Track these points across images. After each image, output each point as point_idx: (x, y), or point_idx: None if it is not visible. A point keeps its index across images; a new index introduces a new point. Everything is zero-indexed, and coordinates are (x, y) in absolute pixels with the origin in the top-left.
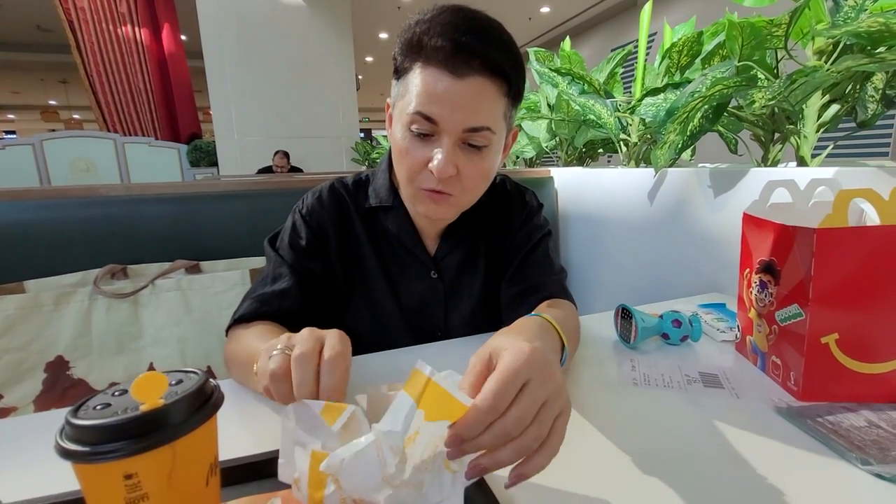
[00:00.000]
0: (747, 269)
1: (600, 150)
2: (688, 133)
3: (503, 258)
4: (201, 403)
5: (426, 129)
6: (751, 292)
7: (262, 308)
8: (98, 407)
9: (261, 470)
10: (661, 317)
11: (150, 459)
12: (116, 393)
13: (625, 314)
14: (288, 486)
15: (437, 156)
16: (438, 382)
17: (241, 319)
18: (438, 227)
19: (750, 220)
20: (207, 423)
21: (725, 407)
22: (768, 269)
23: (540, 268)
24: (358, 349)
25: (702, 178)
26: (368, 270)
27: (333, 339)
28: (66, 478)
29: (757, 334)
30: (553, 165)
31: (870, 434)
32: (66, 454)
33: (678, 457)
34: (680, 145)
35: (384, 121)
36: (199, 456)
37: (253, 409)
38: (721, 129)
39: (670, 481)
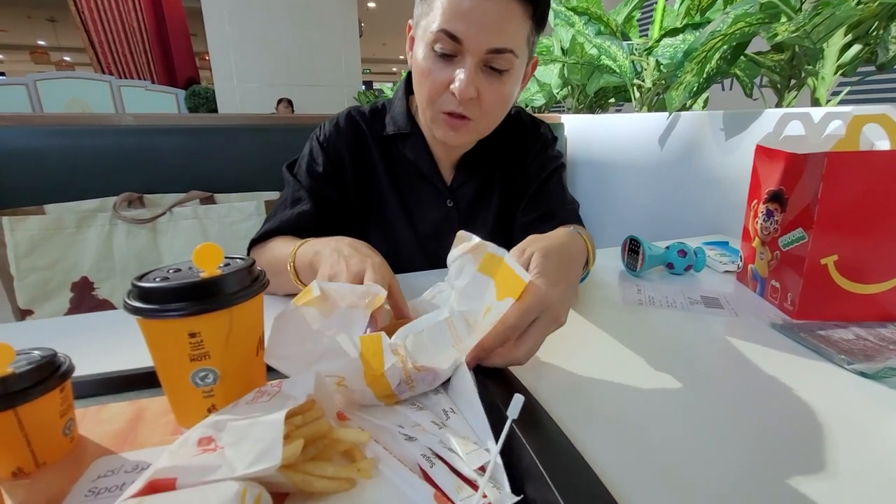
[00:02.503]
0: (755, 201)
1: (611, 100)
2: (704, 74)
3: (517, 188)
4: (251, 280)
5: (449, 49)
6: (756, 222)
7: (282, 227)
8: (157, 279)
9: None
10: (667, 248)
11: (211, 320)
12: (171, 270)
13: (632, 245)
14: None
15: (459, 76)
16: (508, 264)
17: (263, 237)
18: (455, 155)
19: (762, 152)
20: (257, 297)
21: (725, 323)
22: (776, 197)
23: (554, 196)
24: None
25: (714, 121)
26: (384, 198)
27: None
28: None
29: (759, 262)
30: (553, 115)
31: (857, 344)
32: (135, 311)
33: (682, 363)
34: (695, 87)
35: (387, 73)
36: (251, 326)
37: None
38: (738, 72)
39: (675, 385)
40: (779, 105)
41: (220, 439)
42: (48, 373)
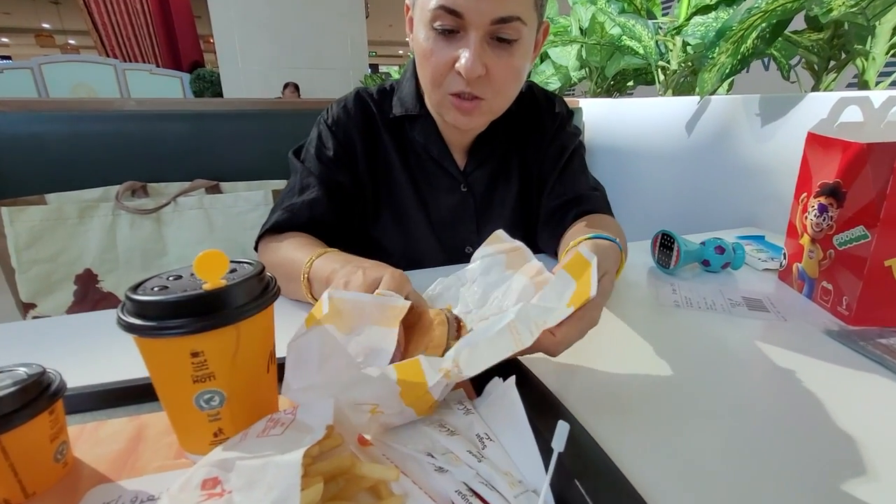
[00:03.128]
0: (804, 194)
1: (629, 84)
2: (739, 55)
3: (537, 171)
4: (261, 290)
5: (450, 25)
6: (806, 217)
7: (293, 218)
8: (155, 288)
9: None
10: (702, 243)
11: (216, 338)
12: (171, 277)
13: (665, 240)
14: None
15: (464, 54)
16: (591, 272)
17: (273, 230)
18: (467, 138)
19: (815, 140)
20: (267, 309)
21: (772, 329)
22: (832, 191)
23: (579, 180)
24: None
25: (749, 105)
26: (397, 183)
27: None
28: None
29: (807, 261)
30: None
31: None
32: (131, 328)
33: (727, 374)
34: (729, 69)
35: (393, 55)
36: (261, 341)
37: (287, 313)
38: (775, 52)
39: (722, 399)
40: (815, 88)
41: (227, 482)
42: (35, 394)
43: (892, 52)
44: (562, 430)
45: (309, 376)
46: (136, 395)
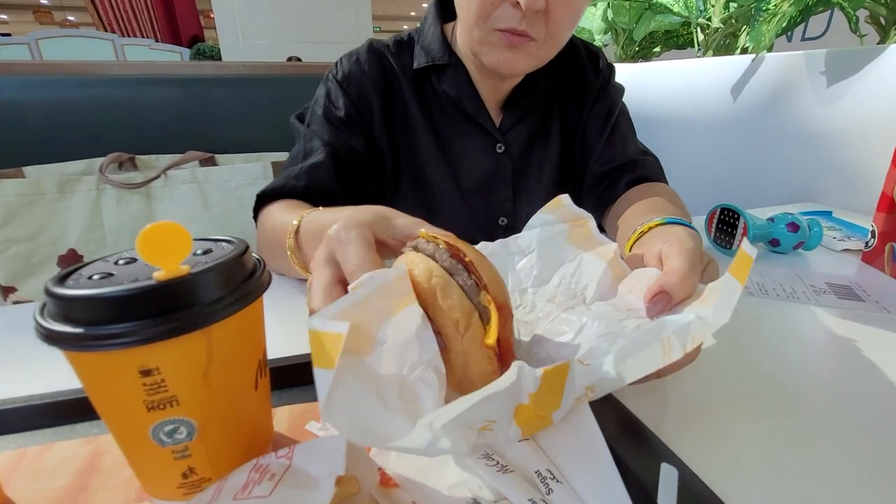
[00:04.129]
0: None
1: (656, 49)
2: (802, 4)
3: (581, 132)
4: (243, 278)
5: None
6: None
7: (290, 183)
8: (95, 276)
9: (305, 374)
10: (770, 220)
11: (177, 349)
12: (121, 261)
13: (725, 216)
14: None
15: None
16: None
17: (266, 196)
18: (503, 91)
19: None
20: (253, 305)
21: (873, 322)
22: None
23: (628, 143)
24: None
25: (813, 63)
26: (420, 145)
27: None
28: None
29: None
30: None
31: None
32: (51, 337)
33: (832, 382)
34: (788, 21)
35: (397, 31)
36: (244, 349)
37: (285, 298)
38: (843, 1)
39: (821, 410)
40: (881, 43)
41: None
42: None
43: None
44: (668, 477)
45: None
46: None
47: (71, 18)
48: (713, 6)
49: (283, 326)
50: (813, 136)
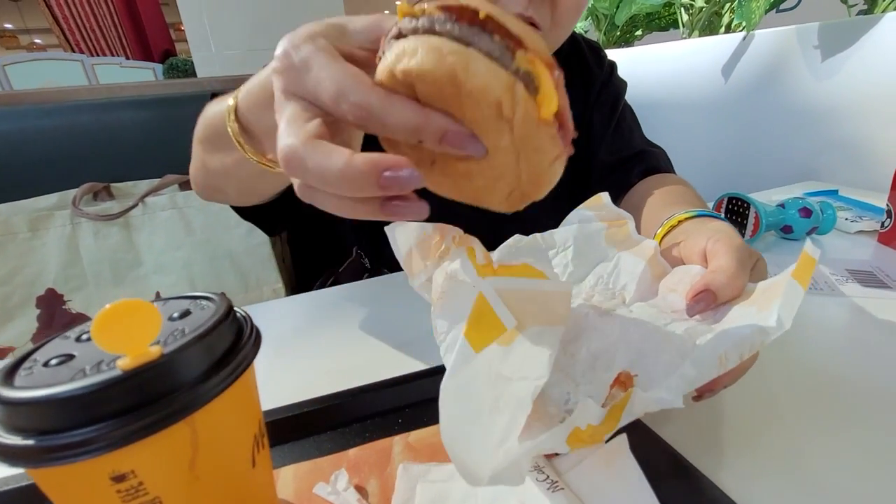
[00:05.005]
0: None
1: (638, 33)
2: None
3: (587, 121)
4: (228, 346)
5: None
6: None
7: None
8: (53, 361)
9: (308, 424)
10: (780, 206)
11: (154, 448)
12: (84, 336)
13: (734, 206)
14: (350, 447)
15: None
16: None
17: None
18: None
19: None
20: (243, 376)
21: None
22: None
23: (635, 134)
24: None
25: (805, 37)
26: None
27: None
28: None
29: None
30: None
31: None
32: (9, 456)
33: (857, 376)
34: None
35: None
36: (236, 428)
37: (276, 336)
38: None
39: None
40: (869, 12)
41: None
42: None
43: None
44: None
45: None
46: None
47: (38, 41)
48: None
49: (277, 371)
50: (810, 112)
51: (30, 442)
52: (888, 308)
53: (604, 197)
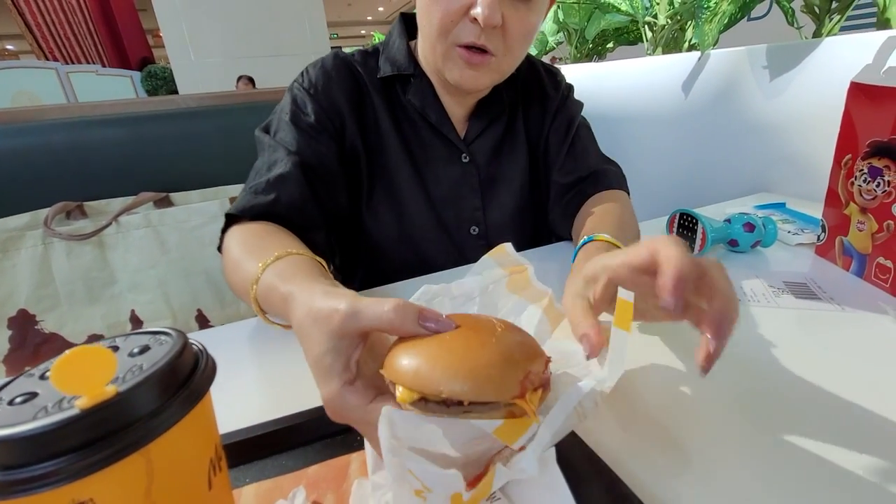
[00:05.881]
0: (848, 156)
1: (609, 45)
2: (741, 1)
3: (544, 143)
4: (182, 380)
5: None
6: (851, 183)
7: (257, 200)
8: (18, 399)
9: (272, 443)
10: (727, 221)
11: (110, 478)
12: (48, 374)
13: (684, 221)
14: (310, 464)
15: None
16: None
17: (234, 217)
18: (467, 104)
19: (860, 91)
20: (197, 407)
21: (830, 320)
22: (886, 151)
23: (590, 154)
24: (383, 253)
25: (755, 57)
26: (390, 153)
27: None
28: None
29: (856, 234)
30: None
31: None
32: None
33: (787, 382)
34: (729, 18)
35: (355, 36)
36: (191, 455)
37: (238, 360)
38: None
39: (786, 412)
40: (817, 34)
41: None
42: None
43: None
44: None
45: None
46: None
47: (10, 47)
48: (658, 4)
49: (239, 393)
50: (761, 128)
51: None
52: (816, 318)
53: (507, 247)
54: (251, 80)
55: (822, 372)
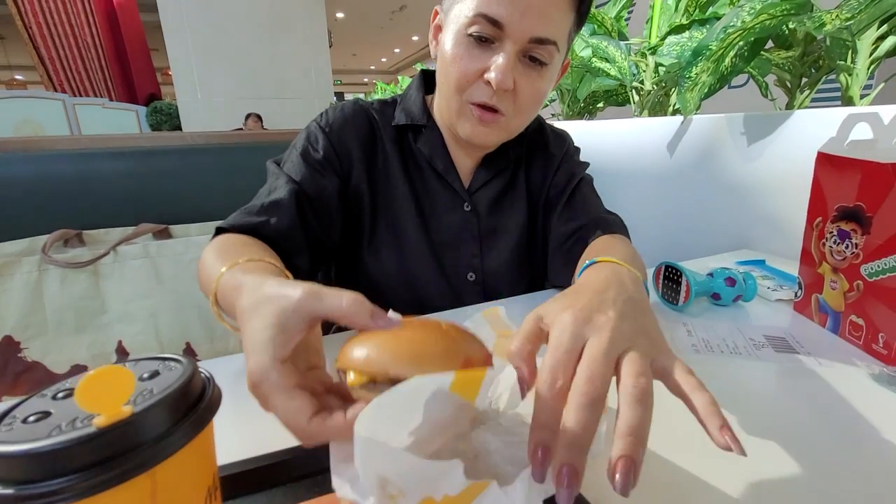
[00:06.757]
0: (819, 219)
1: (600, 105)
2: (719, 74)
3: (545, 198)
4: (191, 406)
5: (488, 33)
6: (823, 244)
7: (244, 219)
8: (31, 418)
9: (262, 478)
10: (709, 275)
11: (117, 498)
12: (60, 394)
13: (669, 273)
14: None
15: (498, 61)
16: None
17: (223, 230)
18: (475, 157)
19: (826, 161)
20: (202, 433)
21: (808, 374)
22: (852, 215)
23: (590, 203)
24: (381, 293)
25: (734, 124)
26: (397, 195)
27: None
28: None
29: (829, 292)
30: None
31: None
32: None
33: (767, 432)
34: (709, 88)
35: (358, 83)
36: (192, 481)
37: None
38: (752, 70)
39: (762, 461)
40: (790, 106)
41: None
42: None
43: (872, 66)
44: None
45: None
46: None
47: (19, 77)
48: (644, 71)
49: (237, 426)
50: (742, 188)
51: (9, 491)
52: (794, 371)
53: (500, 310)
54: (259, 118)
55: (800, 423)
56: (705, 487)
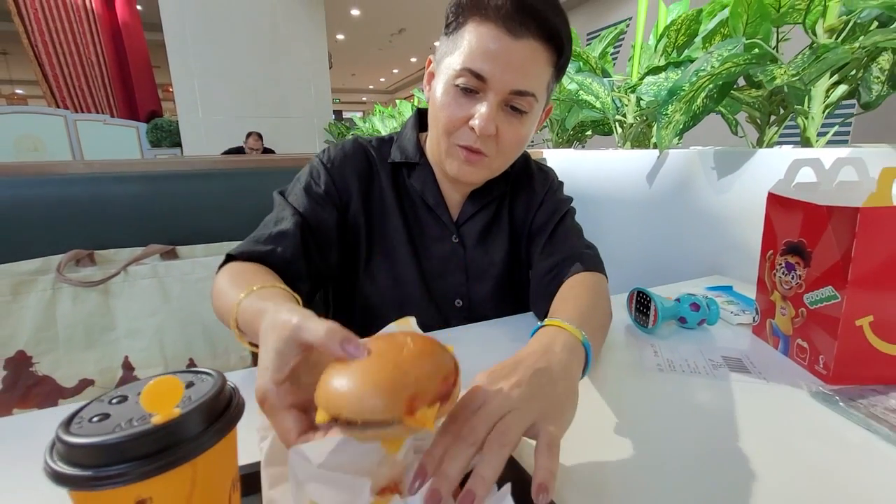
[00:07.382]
0: (770, 251)
1: (588, 133)
2: (691, 113)
3: (528, 232)
4: (221, 410)
5: (473, 85)
6: (774, 274)
7: (256, 248)
8: (95, 419)
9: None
10: (677, 300)
11: (167, 481)
12: (114, 400)
13: (640, 298)
14: None
15: (480, 110)
16: None
17: (233, 257)
18: (463, 192)
19: (775, 200)
20: (229, 434)
21: (756, 392)
22: (796, 250)
23: (570, 238)
24: (374, 314)
25: (705, 159)
26: (392, 228)
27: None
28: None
29: (780, 317)
30: (536, 149)
31: None
32: (61, 479)
33: (715, 444)
34: (682, 125)
35: (357, 102)
36: (221, 473)
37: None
38: (723, 109)
39: (710, 470)
40: (760, 141)
41: None
42: None
43: (827, 111)
44: None
45: None
46: None
47: (20, 92)
48: (626, 105)
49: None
50: (713, 218)
51: (86, 473)
52: (743, 389)
53: (411, 320)
54: (260, 137)
55: (742, 436)
56: (659, 494)
